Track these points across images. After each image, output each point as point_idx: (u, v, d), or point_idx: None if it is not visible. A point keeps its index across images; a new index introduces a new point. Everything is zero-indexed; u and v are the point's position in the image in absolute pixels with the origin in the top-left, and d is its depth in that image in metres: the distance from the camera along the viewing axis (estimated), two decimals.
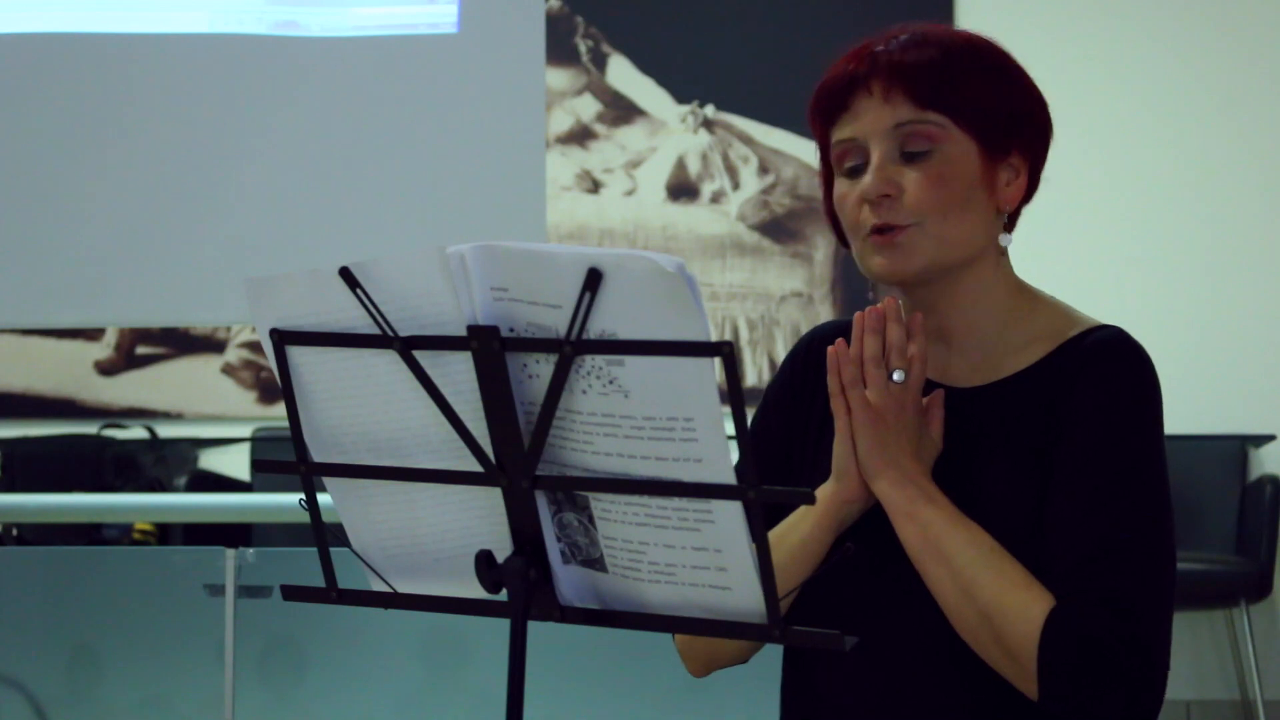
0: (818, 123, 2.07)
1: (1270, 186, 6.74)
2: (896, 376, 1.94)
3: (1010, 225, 2.07)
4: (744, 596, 1.62)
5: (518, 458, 1.65)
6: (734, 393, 1.54)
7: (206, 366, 7.06)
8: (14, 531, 6.33)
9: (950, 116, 2.00)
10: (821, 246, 6.90)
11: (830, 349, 1.97)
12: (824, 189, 2.10)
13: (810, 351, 2.15)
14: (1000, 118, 2.02)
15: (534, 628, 1.68)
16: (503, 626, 1.67)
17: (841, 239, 2.08)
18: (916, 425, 1.96)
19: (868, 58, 2.03)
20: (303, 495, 1.78)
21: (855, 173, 2.02)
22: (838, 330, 2.13)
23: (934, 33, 2.05)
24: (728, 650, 2.09)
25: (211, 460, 7.00)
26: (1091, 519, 1.92)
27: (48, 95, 4.13)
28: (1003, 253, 2.06)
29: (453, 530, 1.75)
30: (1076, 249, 6.76)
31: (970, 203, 2.00)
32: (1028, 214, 2.14)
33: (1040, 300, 2.08)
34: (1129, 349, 2.00)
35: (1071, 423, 1.96)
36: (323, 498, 1.79)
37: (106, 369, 7.10)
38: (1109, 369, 1.98)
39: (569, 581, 1.71)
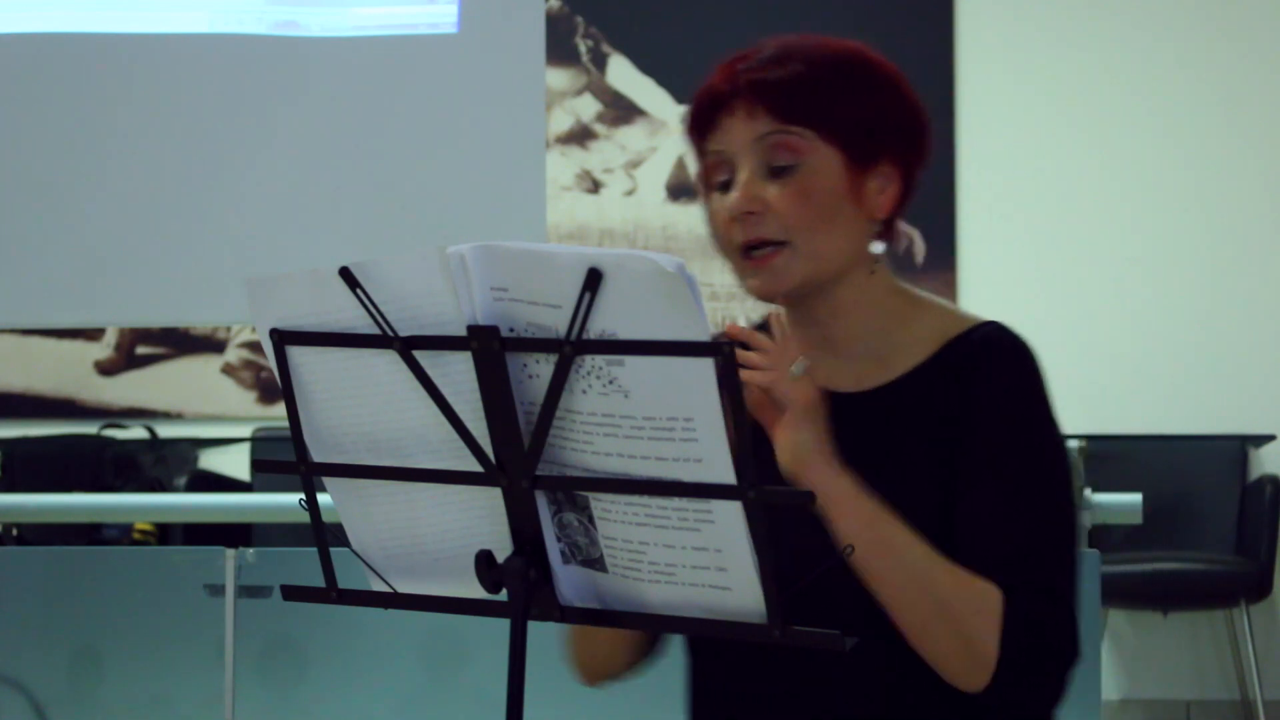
0: (692, 136, 2.07)
1: (1270, 187, 6.74)
2: (796, 369, 1.90)
3: (887, 232, 2.05)
4: (744, 596, 1.62)
5: (518, 458, 1.65)
6: (734, 393, 1.54)
7: (206, 366, 7.06)
8: (14, 531, 6.33)
9: (813, 128, 1.99)
10: None
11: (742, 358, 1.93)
12: (705, 203, 2.09)
13: None
14: (865, 127, 2.00)
15: (534, 628, 1.69)
16: (503, 626, 1.67)
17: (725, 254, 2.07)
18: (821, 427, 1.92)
19: (731, 75, 2.03)
20: (303, 495, 1.78)
21: (725, 187, 2.02)
22: None
23: (798, 46, 2.06)
24: (616, 663, 2.09)
25: (211, 460, 7.00)
26: (1013, 513, 1.93)
27: (48, 95, 4.13)
28: (879, 260, 2.04)
29: (453, 530, 1.75)
30: (1077, 249, 6.75)
31: (838, 215, 1.99)
32: (1028, 214, 2.14)
33: (922, 302, 2.07)
34: (1015, 344, 2.00)
35: (974, 423, 1.96)
36: (323, 498, 1.79)
37: (107, 369, 7.11)
38: (1001, 365, 1.99)
39: (569, 581, 1.71)
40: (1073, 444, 4.30)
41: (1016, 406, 1.98)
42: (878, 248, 2.04)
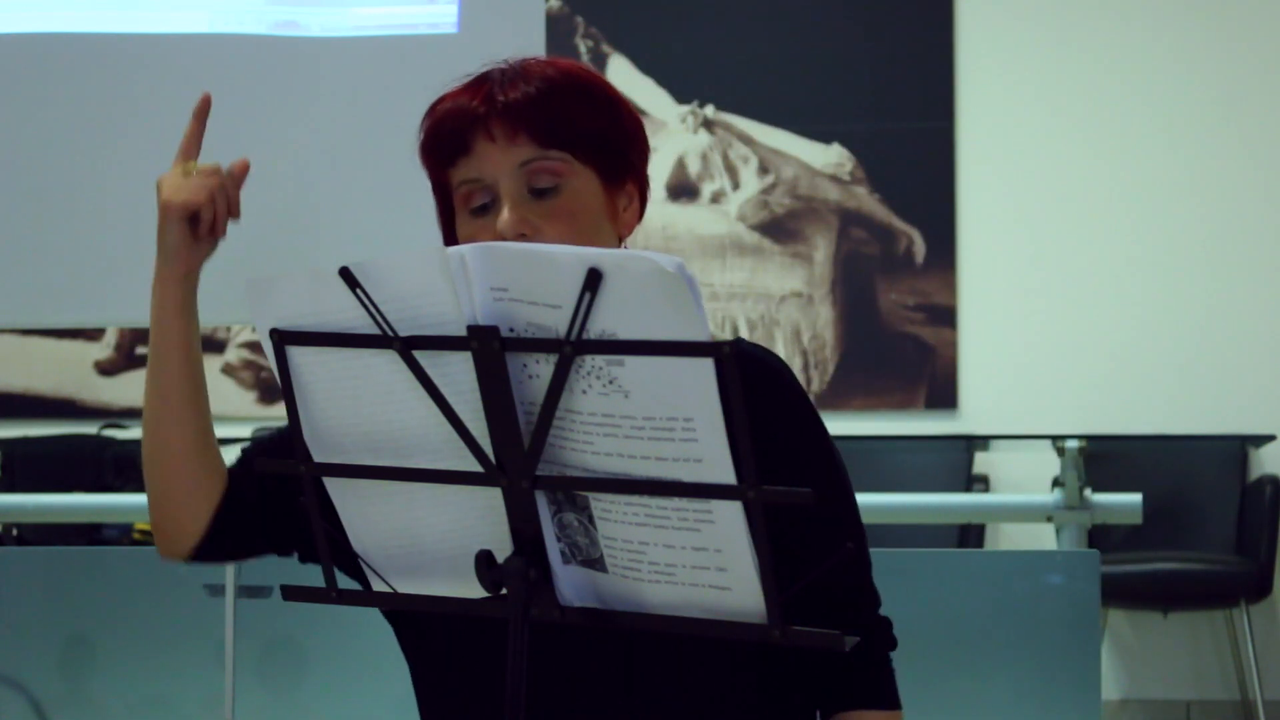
0: (432, 163, 2.09)
1: (1270, 187, 6.74)
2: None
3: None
4: (744, 596, 1.62)
5: (518, 458, 1.65)
6: (734, 393, 1.54)
7: (206, 366, 7.05)
8: (14, 531, 6.33)
9: (571, 152, 2.02)
10: (821, 247, 6.90)
11: None
12: (443, 227, 2.11)
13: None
14: (614, 148, 2.05)
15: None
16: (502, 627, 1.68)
17: None
18: None
19: (484, 98, 2.04)
20: (303, 495, 1.78)
21: (482, 211, 2.03)
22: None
23: (542, 69, 2.06)
24: (186, 519, 2.22)
25: None
26: (833, 532, 2.03)
27: (47, 95, 4.13)
28: None
29: (452, 530, 1.75)
30: (1077, 249, 6.76)
31: (599, 233, 2.04)
32: (1028, 214, 2.16)
33: None
34: (784, 367, 2.06)
35: (781, 460, 1.96)
36: None
37: (106, 369, 7.11)
38: (786, 391, 2.04)
39: (569, 581, 1.71)
40: (1072, 444, 4.31)
41: (816, 433, 2.05)
42: None
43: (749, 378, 1.98)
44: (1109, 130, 6.80)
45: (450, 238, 2.09)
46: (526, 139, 2.02)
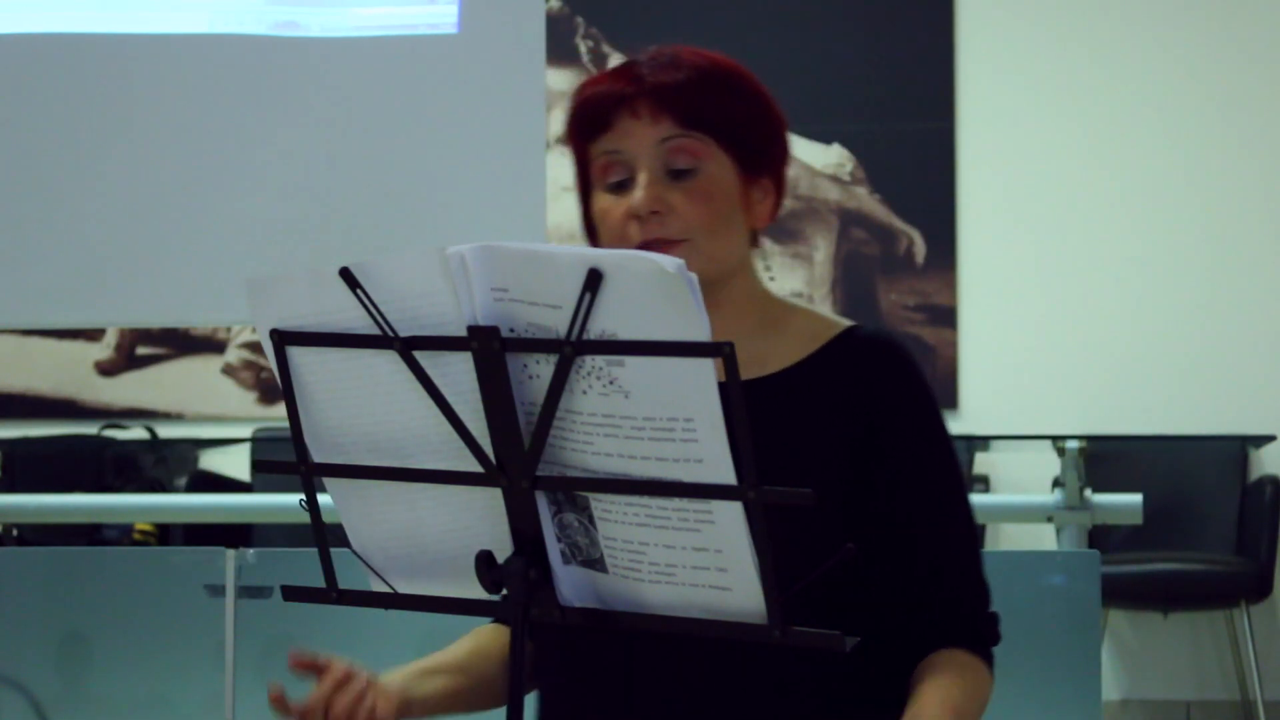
0: (576, 138, 2.11)
1: (1270, 187, 6.74)
2: None
3: (756, 244, 2.14)
4: (744, 597, 1.62)
5: (518, 458, 1.65)
6: (734, 393, 1.54)
7: (207, 367, 7.06)
8: (14, 532, 6.33)
9: (712, 136, 2.05)
10: (821, 247, 6.90)
11: None
12: (582, 202, 2.13)
13: None
14: (754, 139, 2.08)
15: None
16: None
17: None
18: None
19: (633, 78, 2.06)
20: (303, 496, 1.78)
21: (620, 188, 2.06)
22: None
23: (690, 55, 2.09)
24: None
25: (212, 461, 7.00)
26: (940, 532, 2.05)
27: (48, 96, 4.13)
28: (755, 268, 2.13)
29: (453, 530, 1.75)
30: (1077, 249, 6.75)
31: (732, 220, 2.07)
32: (1028, 214, 2.18)
33: (793, 307, 2.15)
34: (900, 344, 2.10)
35: (886, 428, 2.04)
36: (323, 498, 1.79)
37: (107, 369, 7.11)
38: (900, 369, 2.07)
39: (569, 582, 1.71)
40: (1073, 444, 4.31)
41: (926, 417, 2.08)
42: (757, 254, 2.14)
43: (863, 357, 2.03)
44: (1109, 130, 6.79)
45: (588, 215, 2.11)
46: (669, 118, 2.04)
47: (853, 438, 2.03)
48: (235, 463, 6.92)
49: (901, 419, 2.05)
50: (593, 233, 2.11)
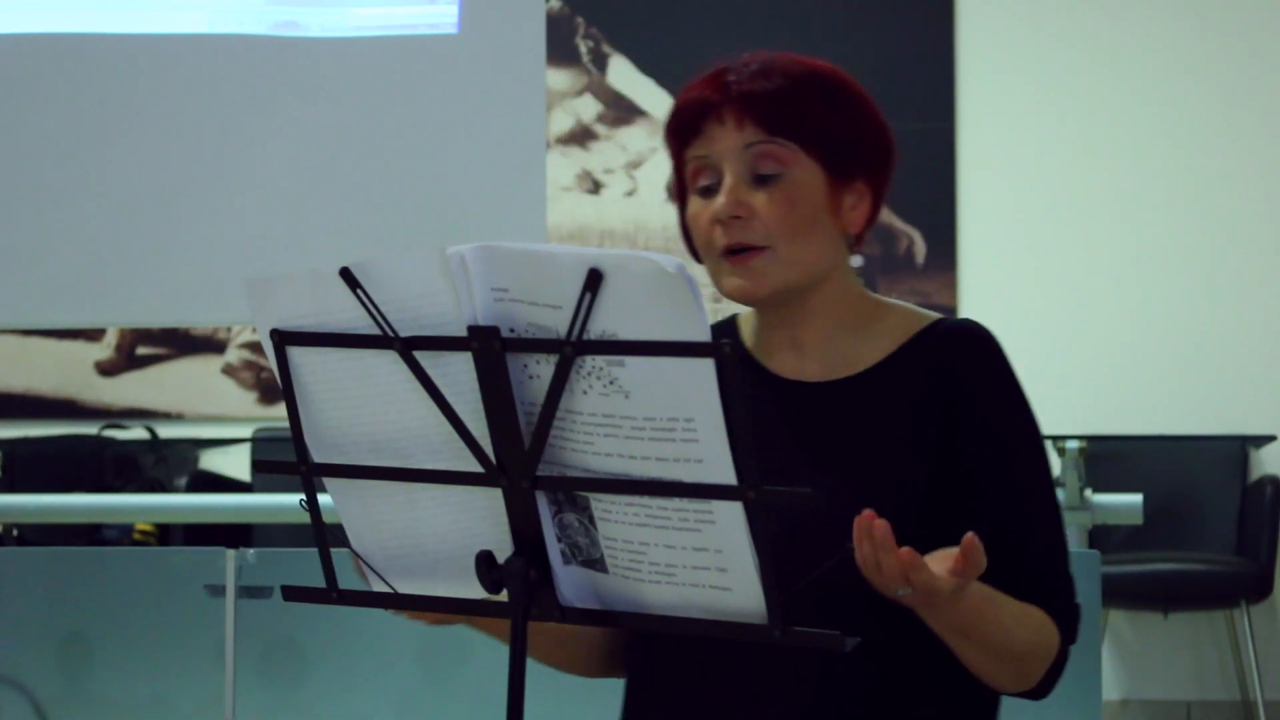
0: (673, 142, 2.11)
1: (1270, 187, 6.74)
2: (902, 593, 1.92)
3: (857, 246, 2.14)
4: (744, 597, 1.62)
5: (518, 458, 1.65)
6: (734, 393, 1.54)
7: (207, 367, 7.06)
8: (14, 532, 6.33)
9: (798, 142, 2.05)
10: None
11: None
12: (679, 206, 2.14)
13: None
14: (844, 145, 2.08)
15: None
16: (503, 627, 1.67)
17: (694, 254, 2.12)
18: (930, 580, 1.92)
19: (720, 86, 2.07)
20: (303, 496, 1.78)
21: (708, 192, 2.07)
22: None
23: (782, 62, 2.09)
24: (591, 667, 2.19)
25: (212, 461, 7.00)
26: (1038, 524, 2.05)
27: (49, 96, 4.13)
28: (849, 271, 2.13)
29: (453, 531, 1.75)
30: (1077, 250, 6.75)
31: (818, 226, 2.06)
32: (1028, 215, 2.18)
33: (888, 306, 2.15)
34: (989, 336, 2.10)
35: (967, 418, 2.04)
36: (323, 498, 1.79)
37: (107, 369, 7.11)
38: (984, 358, 2.08)
39: (569, 582, 1.71)
40: (1073, 444, 4.31)
41: (1010, 398, 2.07)
42: (856, 261, 2.13)
43: (946, 348, 2.04)
44: (1109, 131, 6.79)
45: (684, 220, 2.12)
46: (754, 124, 2.04)
47: (938, 430, 2.04)
48: (235, 463, 6.92)
49: (985, 408, 2.05)
50: (688, 237, 2.13)
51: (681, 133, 2.09)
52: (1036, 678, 2.01)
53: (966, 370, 2.06)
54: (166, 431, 6.99)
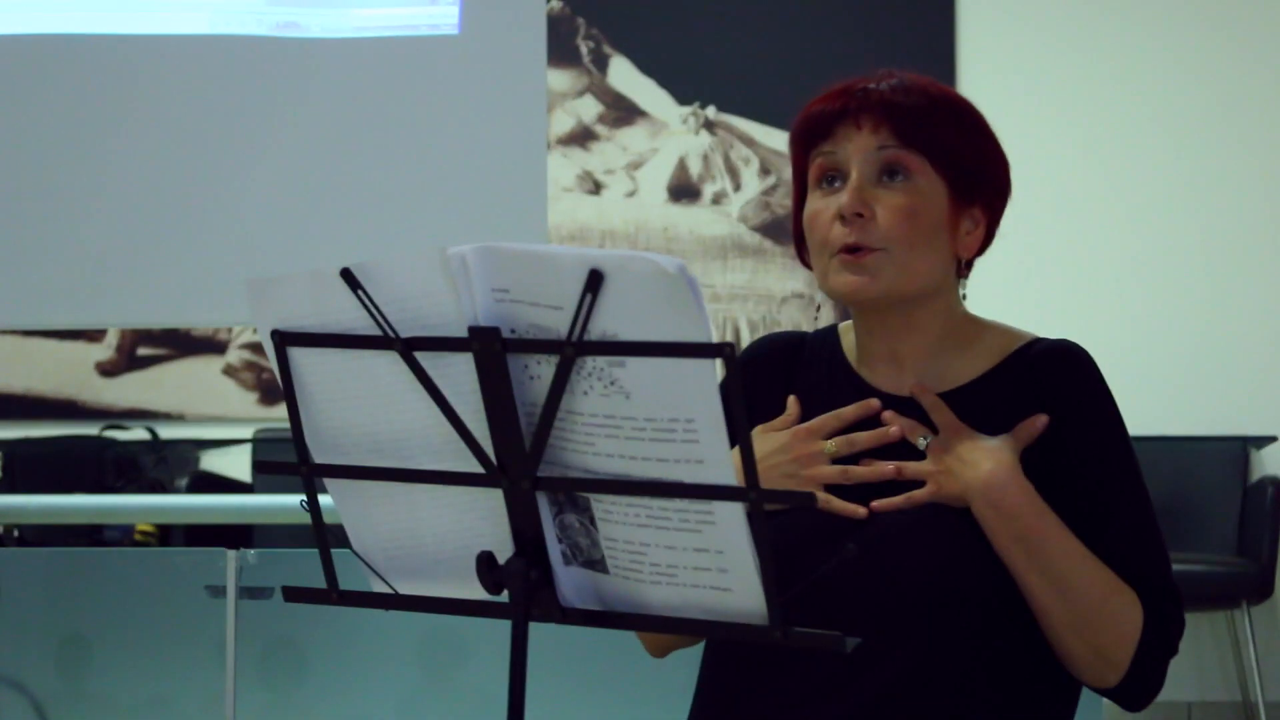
0: (799, 146, 2.15)
1: (1271, 189, 6.73)
2: (923, 444, 2.07)
3: (964, 273, 2.18)
4: (745, 598, 1.62)
5: (519, 459, 1.65)
6: (736, 395, 1.54)
7: (208, 368, 7.06)
8: (15, 533, 6.33)
9: (927, 157, 2.09)
10: None
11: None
12: (795, 209, 2.17)
13: (756, 367, 2.24)
14: (969, 168, 2.13)
15: (535, 629, 1.69)
16: (504, 628, 1.67)
17: (802, 258, 2.16)
18: (973, 440, 2.06)
19: (859, 94, 2.11)
20: (304, 496, 1.78)
21: (832, 185, 2.11)
22: (776, 345, 2.24)
23: (918, 81, 2.14)
24: (674, 639, 2.18)
25: (213, 461, 7.00)
26: (1136, 520, 2.08)
27: (49, 97, 4.13)
28: (954, 293, 2.16)
29: (454, 531, 1.75)
30: (1078, 251, 6.75)
31: (934, 240, 2.10)
32: (1029, 216, 2.21)
33: (987, 325, 2.19)
34: (1081, 351, 2.15)
35: (1071, 429, 2.08)
36: (324, 499, 1.79)
37: (108, 370, 7.11)
38: (1083, 373, 2.12)
39: (570, 583, 1.71)
40: None
41: (1108, 412, 2.11)
42: (963, 288, 2.18)
43: (1042, 367, 2.09)
44: (1110, 132, 6.79)
45: (798, 222, 2.15)
46: (887, 130, 2.08)
47: (1035, 448, 2.07)
48: (236, 463, 6.92)
49: (1087, 426, 2.09)
50: (801, 241, 2.15)
51: (810, 136, 2.12)
52: (1118, 661, 2.04)
53: (1068, 390, 2.10)
54: (167, 432, 6.99)
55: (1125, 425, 2.12)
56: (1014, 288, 6.78)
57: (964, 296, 2.18)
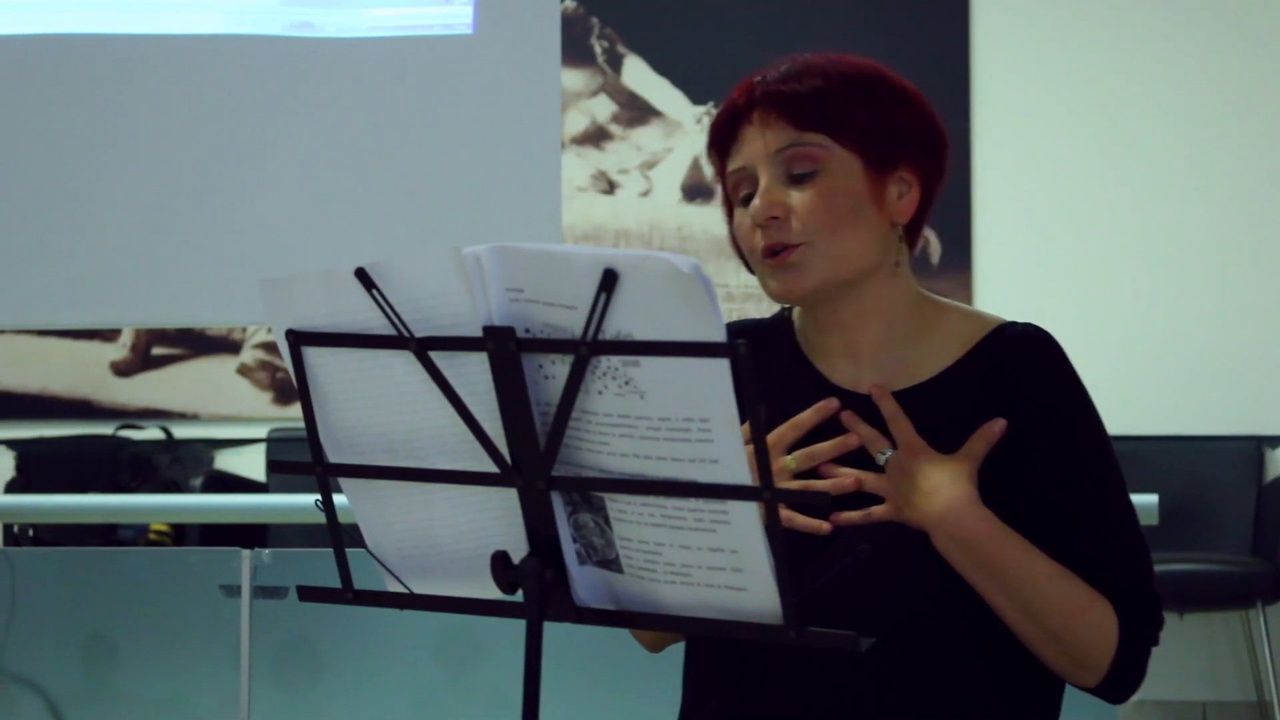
0: (715, 156, 2.12)
1: None
2: (881, 459, 2.02)
3: (912, 239, 2.12)
4: (759, 597, 1.62)
5: (533, 458, 1.65)
6: (751, 394, 1.54)
7: (222, 367, 7.07)
8: (30, 532, 6.34)
9: (830, 135, 2.04)
10: None
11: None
12: (727, 220, 2.14)
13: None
14: (880, 134, 2.06)
15: (549, 628, 1.69)
16: (518, 627, 1.68)
17: (748, 266, 2.13)
18: (933, 463, 2.02)
19: (747, 90, 2.08)
20: (318, 496, 1.78)
21: (749, 201, 2.07)
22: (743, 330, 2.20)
23: (815, 61, 2.09)
24: (668, 636, 2.16)
25: (227, 461, 7.01)
26: (1112, 517, 2.05)
27: (65, 96, 4.13)
28: (900, 265, 2.10)
29: (468, 531, 1.75)
30: (1092, 250, 6.75)
31: (859, 218, 2.05)
32: (1043, 215, 2.18)
33: (946, 307, 2.13)
34: (1052, 340, 2.08)
35: (1038, 421, 2.04)
36: (338, 498, 1.79)
37: (122, 370, 7.11)
38: (1049, 362, 2.07)
39: (584, 582, 1.71)
40: None
41: (1078, 403, 2.06)
42: (905, 254, 2.11)
43: (1010, 355, 2.05)
44: (1124, 132, 6.79)
45: (732, 233, 2.13)
46: (784, 123, 2.05)
47: (1007, 440, 2.03)
48: (250, 463, 6.93)
49: (1052, 413, 2.04)
50: (740, 251, 2.13)
51: (720, 143, 2.10)
52: (1097, 664, 2.02)
53: (1033, 378, 2.05)
54: (182, 432, 7.00)
55: (1099, 416, 2.07)
56: (1029, 288, 6.77)
57: (906, 266, 2.11)
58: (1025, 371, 2.05)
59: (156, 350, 7.11)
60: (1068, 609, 1.99)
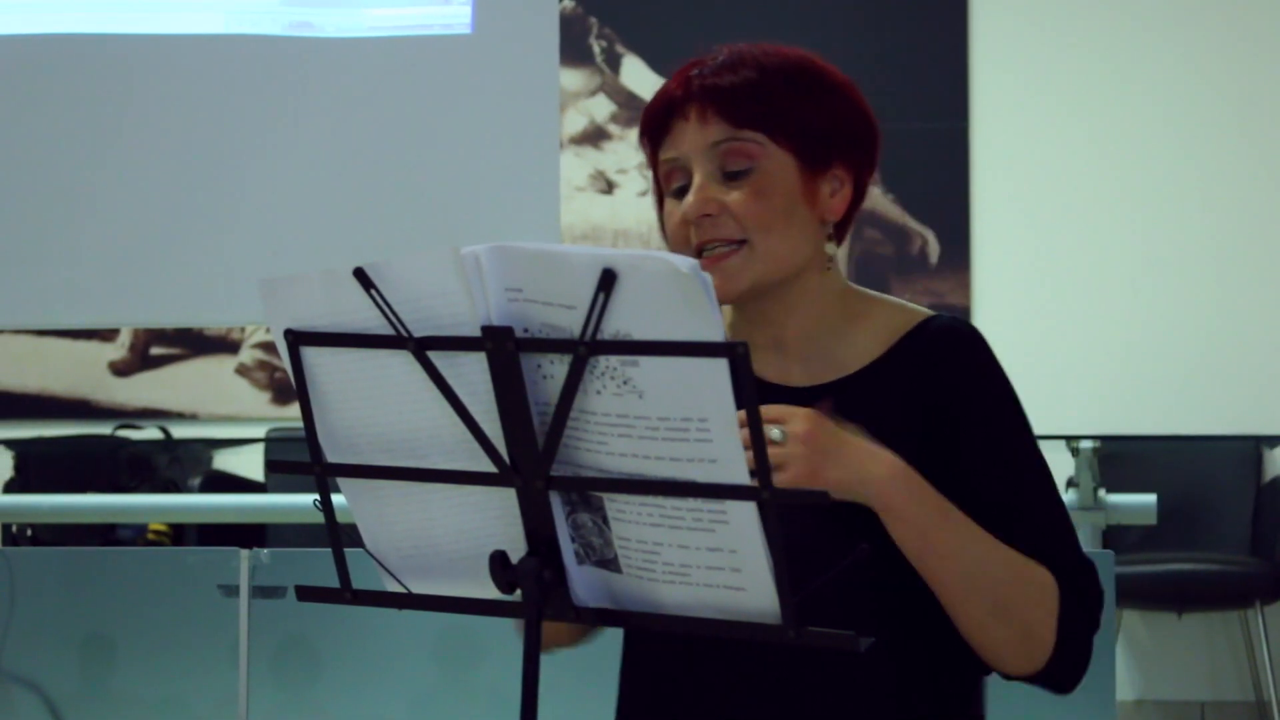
0: (646, 143, 2.11)
1: None
2: (775, 434, 1.90)
3: (840, 235, 2.11)
4: (758, 597, 1.62)
5: (532, 458, 1.65)
6: (749, 393, 1.54)
7: (221, 367, 7.07)
8: (29, 532, 6.34)
9: (766, 133, 2.03)
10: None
11: None
12: (658, 208, 2.14)
13: None
14: (815, 132, 2.05)
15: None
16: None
17: None
18: (842, 436, 1.93)
19: (684, 82, 2.07)
20: (317, 496, 1.78)
21: (681, 193, 2.06)
22: None
23: (750, 53, 2.08)
24: (557, 634, 2.11)
25: (225, 461, 7.01)
26: (1035, 500, 2.03)
27: (65, 96, 4.13)
28: (831, 261, 2.09)
29: (467, 531, 1.75)
30: (1090, 249, 6.75)
31: (793, 216, 2.04)
32: (1041, 215, 2.17)
33: (873, 300, 2.13)
34: (972, 332, 2.07)
35: (960, 412, 2.03)
36: (337, 498, 1.79)
37: (121, 370, 7.12)
38: (971, 355, 2.06)
39: (583, 582, 1.71)
40: (1086, 445, 4.30)
41: (999, 393, 2.06)
42: (831, 249, 2.09)
43: (934, 349, 2.03)
44: (1123, 130, 6.79)
45: (661, 221, 2.12)
46: (720, 119, 2.03)
47: (929, 431, 2.02)
48: (249, 463, 6.93)
49: (973, 405, 2.03)
50: (667, 239, 2.11)
51: (653, 134, 2.09)
52: (1044, 638, 1.96)
53: (954, 370, 2.04)
54: (180, 431, 7.00)
55: (1020, 405, 2.06)
56: (1027, 287, 6.78)
57: (835, 263, 2.09)
58: (948, 364, 2.04)
59: (155, 350, 7.11)
60: (1012, 570, 1.95)
